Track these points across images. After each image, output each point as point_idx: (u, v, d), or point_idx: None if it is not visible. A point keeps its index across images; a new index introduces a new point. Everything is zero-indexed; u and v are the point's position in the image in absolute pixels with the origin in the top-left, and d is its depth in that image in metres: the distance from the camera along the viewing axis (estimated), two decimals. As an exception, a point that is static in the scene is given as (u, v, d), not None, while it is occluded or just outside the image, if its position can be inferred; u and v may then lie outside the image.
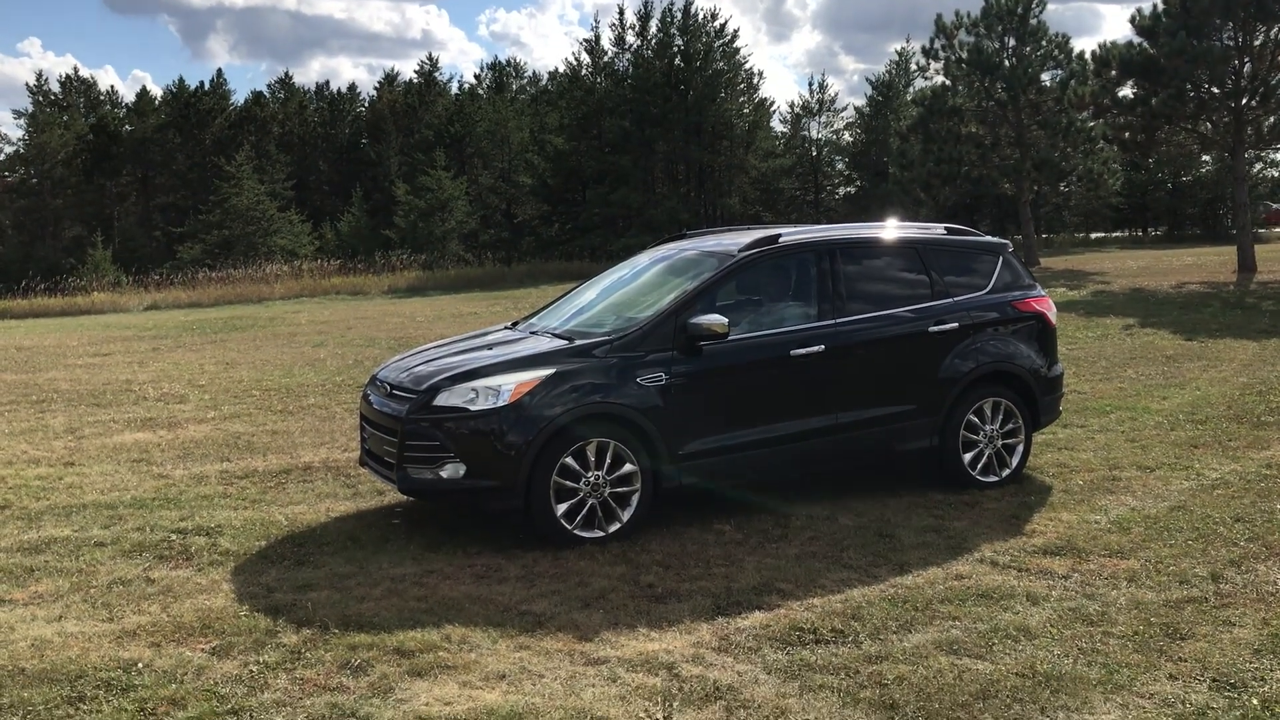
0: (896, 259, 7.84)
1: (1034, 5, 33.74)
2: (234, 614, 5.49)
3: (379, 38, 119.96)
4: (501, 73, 74.90)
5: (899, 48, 72.66)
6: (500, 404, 6.41)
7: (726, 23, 55.09)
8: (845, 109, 71.35)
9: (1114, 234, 62.38)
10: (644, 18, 55.24)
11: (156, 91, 67.95)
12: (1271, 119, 28.07)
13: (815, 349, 7.14)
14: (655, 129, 52.39)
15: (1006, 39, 34.21)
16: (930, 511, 7.08)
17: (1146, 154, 44.37)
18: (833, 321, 7.29)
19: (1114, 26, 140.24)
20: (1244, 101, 27.37)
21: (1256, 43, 26.94)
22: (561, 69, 59.71)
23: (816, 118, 63.88)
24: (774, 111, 61.76)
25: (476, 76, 71.92)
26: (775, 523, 6.92)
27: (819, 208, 64.86)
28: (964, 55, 33.99)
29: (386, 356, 16.13)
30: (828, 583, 5.80)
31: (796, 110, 64.89)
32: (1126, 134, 31.79)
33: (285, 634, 5.21)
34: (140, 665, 4.86)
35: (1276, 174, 65.30)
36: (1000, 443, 7.76)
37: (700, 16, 54.87)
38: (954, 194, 38.87)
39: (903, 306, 7.61)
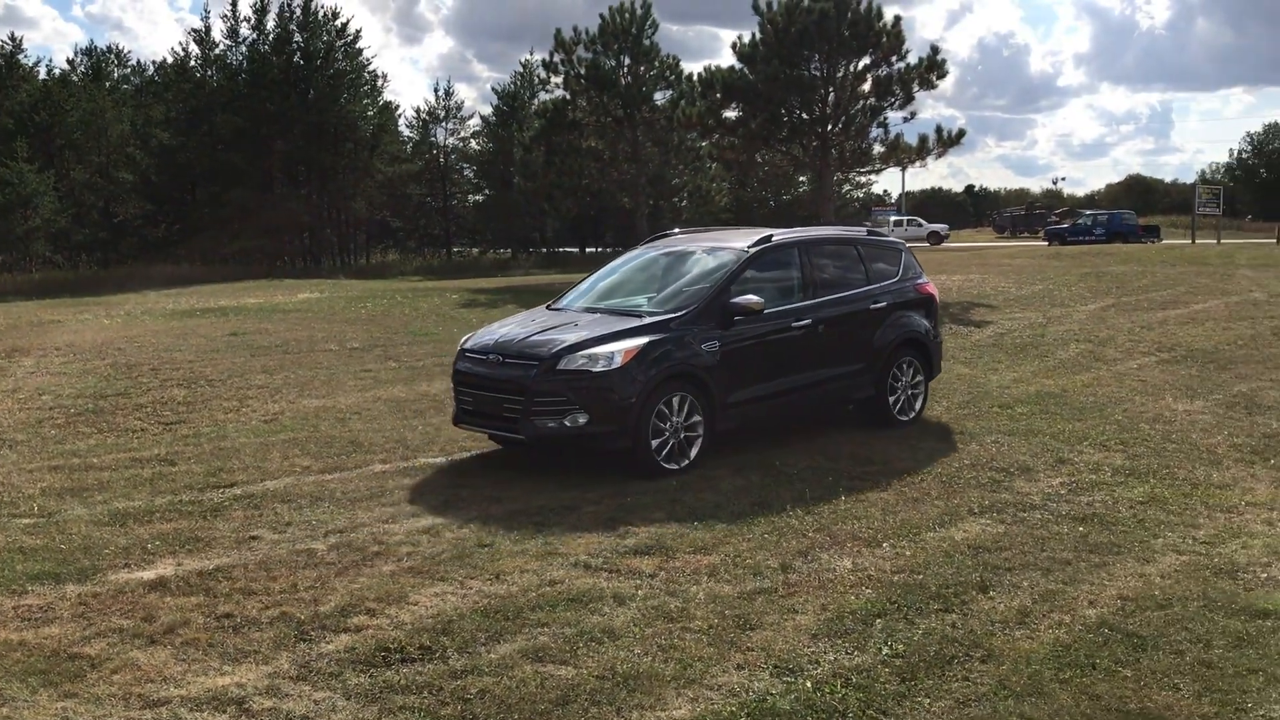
0: (845, 252, 10.06)
1: (647, 26, 35.40)
2: None
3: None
4: (100, 59, 68.59)
5: (524, 59, 73.70)
6: (615, 366, 8.02)
7: (349, 22, 53.56)
8: (472, 117, 71.54)
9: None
10: (260, 10, 52.70)
11: None
12: (852, 144, 31.09)
13: (805, 321, 9.21)
14: (273, 127, 50.10)
15: (622, 57, 35.68)
16: (531, 519, 7.11)
17: (748, 173, 47.88)
18: (815, 300, 9.39)
19: (730, 50, 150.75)
20: (829, 127, 30.15)
21: (839, 74, 29.79)
22: (169, 59, 55.68)
23: (444, 124, 63.68)
24: (400, 115, 60.88)
25: (70, 61, 65.28)
26: (373, 539, 6.68)
27: (449, 215, 64.67)
28: (583, 71, 35.07)
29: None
30: (420, 598, 5.65)
31: (424, 116, 64.38)
32: (731, 154, 34.08)
33: None
34: None
35: (862, 195, 72.65)
36: (910, 391, 10.04)
37: (320, 14, 53.07)
38: (575, 205, 40.03)
39: (851, 290, 9.75)
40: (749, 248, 9.24)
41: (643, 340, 8.22)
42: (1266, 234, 54.72)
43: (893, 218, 65.64)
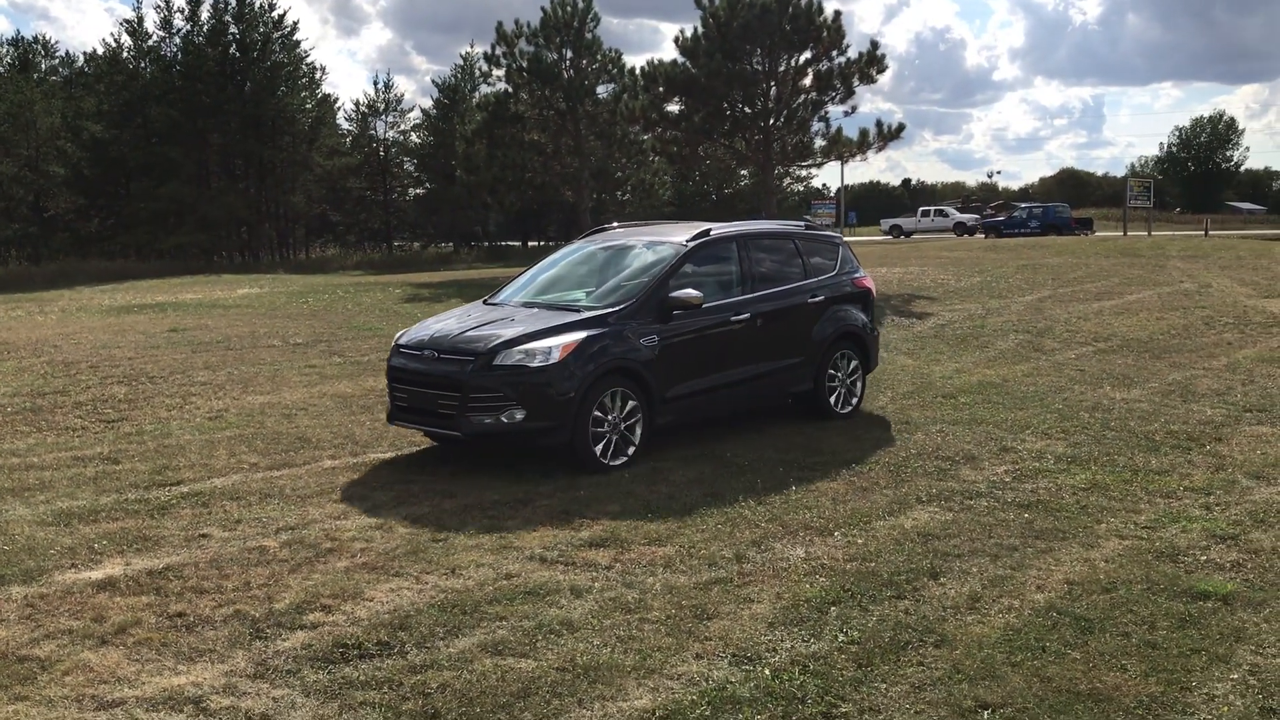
0: (783, 247, 10.03)
1: (589, 19, 35.29)
2: None
3: None
4: (27, 50, 66.90)
5: (465, 51, 73.03)
6: (552, 361, 7.94)
7: (286, 13, 52.94)
8: (412, 110, 70.85)
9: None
10: (195, 1, 51.71)
11: None
12: (794, 138, 31.28)
13: (744, 315, 9.21)
14: (209, 120, 49.30)
15: (564, 50, 35.53)
16: (485, 513, 7.10)
17: (691, 167, 47.99)
18: (753, 294, 9.39)
19: (672, 44, 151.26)
20: (771, 121, 30.32)
21: (780, 68, 29.95)
22: (100, 50, 54.47)
23: (383, 117, 63.04)
24: (339, 108, 60.19)
25: (-4, 52, 63.51)
26: (326, 536, 6.62)
27: (389, 209, 64.07)
28: (525, 64, 34.87)
29: None
30: (376, 594, 5.62)
31: (363, 109, 63.67)
32: (674, 147, 34.12)
33: None
34: None
35: (802, 188, 73.05)
36: (847, 385, 10.12)
37: (257, 5, 52.26)
38: (519, 199, 39.81)
39: (789, 284, 9.75)
40: (687, 242, 9.23)
41: (581, 335, 8.18)
42: (1195, 225, 56.08)
43: (920, 208, 66.21)
